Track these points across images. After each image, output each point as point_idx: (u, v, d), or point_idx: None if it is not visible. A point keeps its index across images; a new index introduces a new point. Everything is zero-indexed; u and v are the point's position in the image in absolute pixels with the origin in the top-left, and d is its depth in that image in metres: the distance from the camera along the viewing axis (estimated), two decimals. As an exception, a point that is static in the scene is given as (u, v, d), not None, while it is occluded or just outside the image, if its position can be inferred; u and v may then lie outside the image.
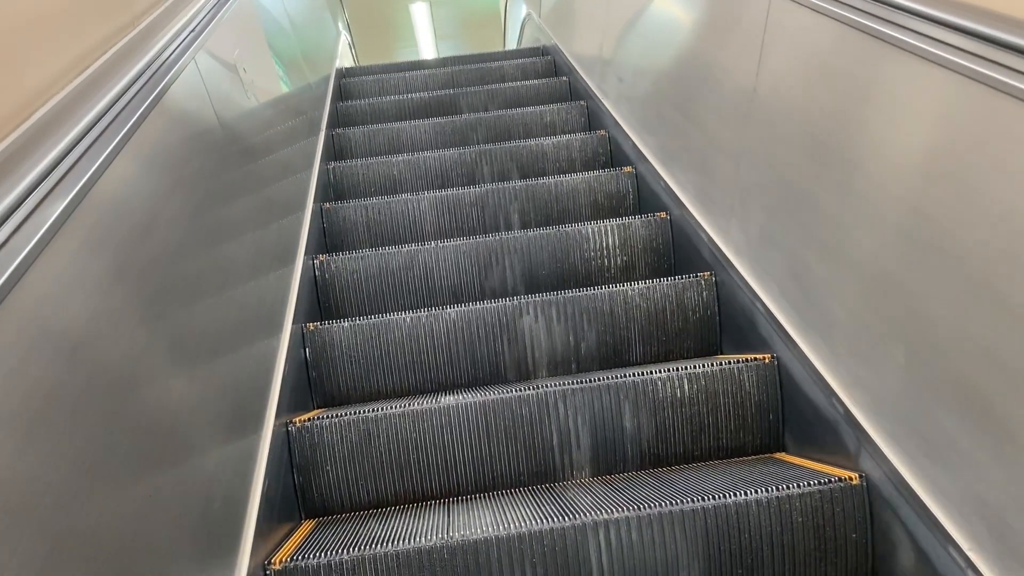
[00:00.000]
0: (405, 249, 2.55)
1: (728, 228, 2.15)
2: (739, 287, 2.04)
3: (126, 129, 1.21)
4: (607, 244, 2.62)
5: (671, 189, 2.58)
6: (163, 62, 1.49)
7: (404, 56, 10.81)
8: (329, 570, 1.46)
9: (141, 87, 1.34)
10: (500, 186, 2.93)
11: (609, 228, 2.61)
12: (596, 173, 2.98)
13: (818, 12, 1.62)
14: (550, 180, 2.95)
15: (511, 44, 7.64)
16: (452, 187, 3.05)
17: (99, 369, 0.97)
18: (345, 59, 5.64)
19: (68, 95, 1.11)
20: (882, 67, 1.42)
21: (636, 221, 2.61)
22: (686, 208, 2.45)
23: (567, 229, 2.60)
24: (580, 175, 2.96)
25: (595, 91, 3.55)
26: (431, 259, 2.56)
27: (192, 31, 1.74)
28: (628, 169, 2.98)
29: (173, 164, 1.44)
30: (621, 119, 3.14)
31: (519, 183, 2.95)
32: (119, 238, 1.13)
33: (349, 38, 6.47)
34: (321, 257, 2.53)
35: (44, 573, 0.75)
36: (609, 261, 2.61)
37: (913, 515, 1.35)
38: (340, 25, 6.04)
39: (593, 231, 2.61)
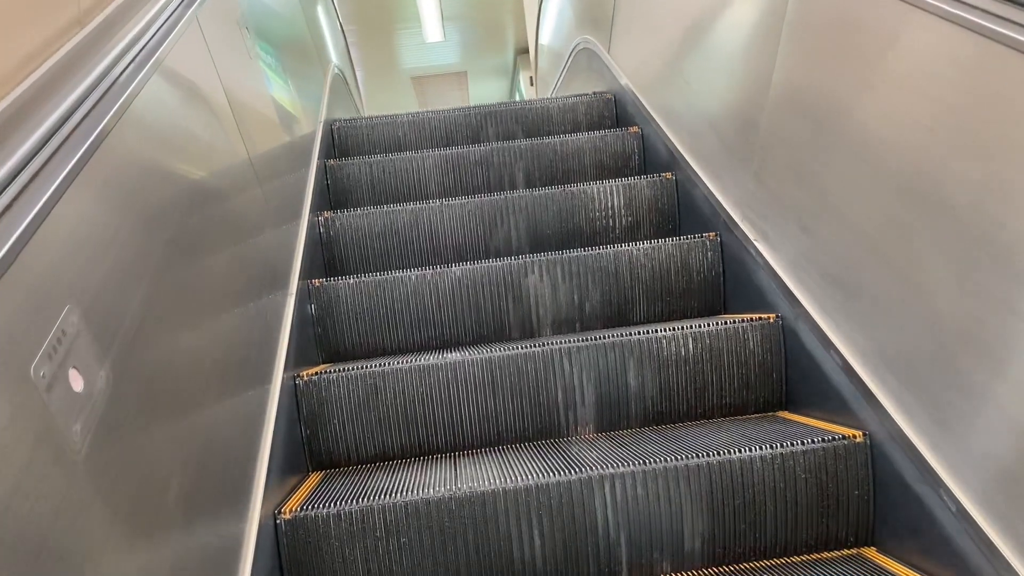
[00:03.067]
0: (410, 207, 2.54)
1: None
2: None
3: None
4: (612, 204, 2.62)
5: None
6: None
7: (404, 37, 9.96)
8: (339, 520, 1.48)
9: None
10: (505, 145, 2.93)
11: (614, 188, 2.61)
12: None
13: None
14: (555, 139, 2.95)
15: (546, 86, 5.65)
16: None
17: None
18: (338, 104, 4.02)
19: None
20: None
21: (641, 181, 2.61)
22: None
23: (572, 189, 2.60)
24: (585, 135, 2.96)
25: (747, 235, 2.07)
26: (436, 217, 2.55)
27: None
28: (634, 129, 2.99)
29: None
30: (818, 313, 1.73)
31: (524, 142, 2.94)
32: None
33: (340, 67, 4.61)
34: (326, 214, 2.52)
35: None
36: (614, 221, 2.61)
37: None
38: (330, 44, 4.51)
39: (599, 191, 2.60)
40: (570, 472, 1.52)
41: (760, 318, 1.88)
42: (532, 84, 9.09)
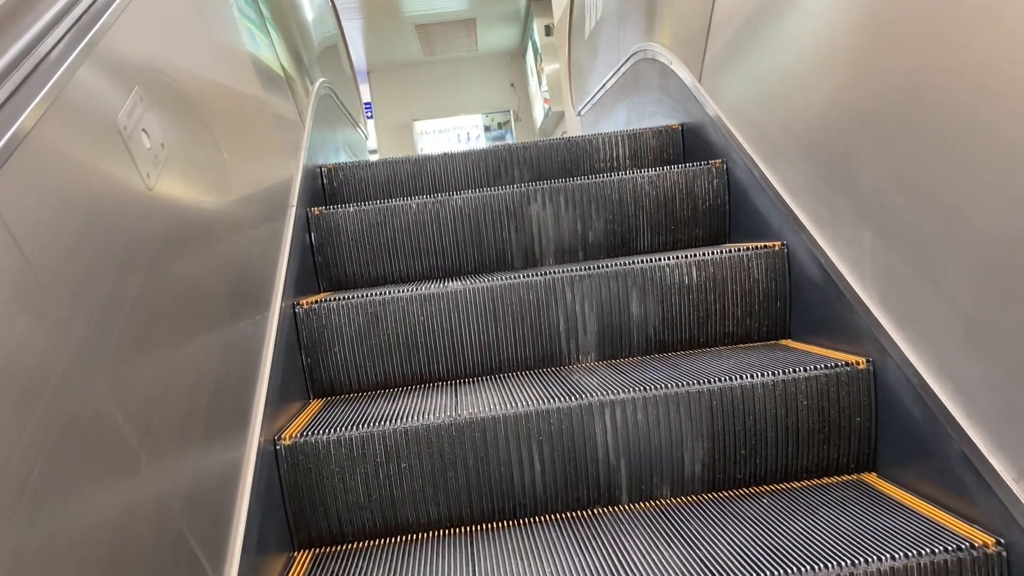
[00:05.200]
0: (413, 157, 2.54)
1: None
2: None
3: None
4: (618, 155, 2.59)
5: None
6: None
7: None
8: (339, 445, 1.48)
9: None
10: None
11: (620, 138, 2.57)
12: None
13: None
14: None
15: (584, 95, 4.56)
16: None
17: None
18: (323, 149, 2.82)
19: None
20: None
21: (647, 132, 2.57)
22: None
23: (576, 139, 2.57)
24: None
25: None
26: (440, 168, 2.54)
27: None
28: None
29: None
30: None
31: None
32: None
33: (329, 83, 3.29)
34: (329, 165, 2.50)
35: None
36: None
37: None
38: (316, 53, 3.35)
39: (604, 141, 2.57)
40: (571, 399, 1.51)
41: (765, 246, 1.85)
42: (548, 34, 8.76)
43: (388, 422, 1.50)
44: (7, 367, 0.70)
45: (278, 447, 1.47)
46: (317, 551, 1.49)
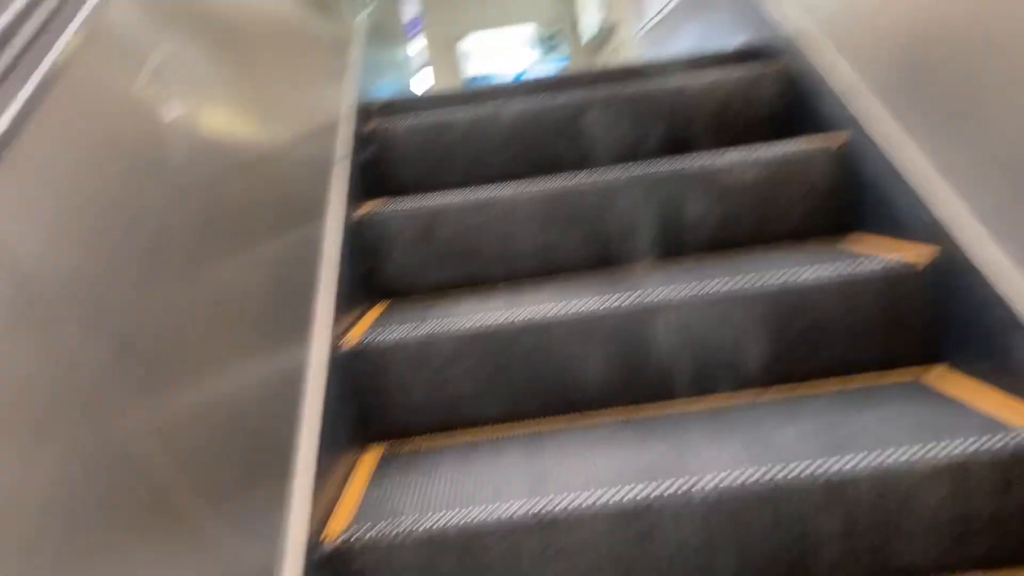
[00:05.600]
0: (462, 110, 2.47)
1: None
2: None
3: None
4: None
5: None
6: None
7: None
8: (399, 348, 1.51)
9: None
10: None
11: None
12: None
13: None
14: None
15: (644, 14, 3.95)
16: None
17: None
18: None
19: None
20: None
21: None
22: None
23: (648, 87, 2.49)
24: None
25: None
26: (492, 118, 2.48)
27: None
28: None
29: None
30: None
31: None
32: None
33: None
34: (380, 101, 2.47)
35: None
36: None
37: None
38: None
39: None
40: (627, 299, 1.52)
41: (827, 142, 1.81)
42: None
43: (448, 324, 1.52)
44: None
45: (342, 349, 1.51)
46: (384, 447, 1.53)
